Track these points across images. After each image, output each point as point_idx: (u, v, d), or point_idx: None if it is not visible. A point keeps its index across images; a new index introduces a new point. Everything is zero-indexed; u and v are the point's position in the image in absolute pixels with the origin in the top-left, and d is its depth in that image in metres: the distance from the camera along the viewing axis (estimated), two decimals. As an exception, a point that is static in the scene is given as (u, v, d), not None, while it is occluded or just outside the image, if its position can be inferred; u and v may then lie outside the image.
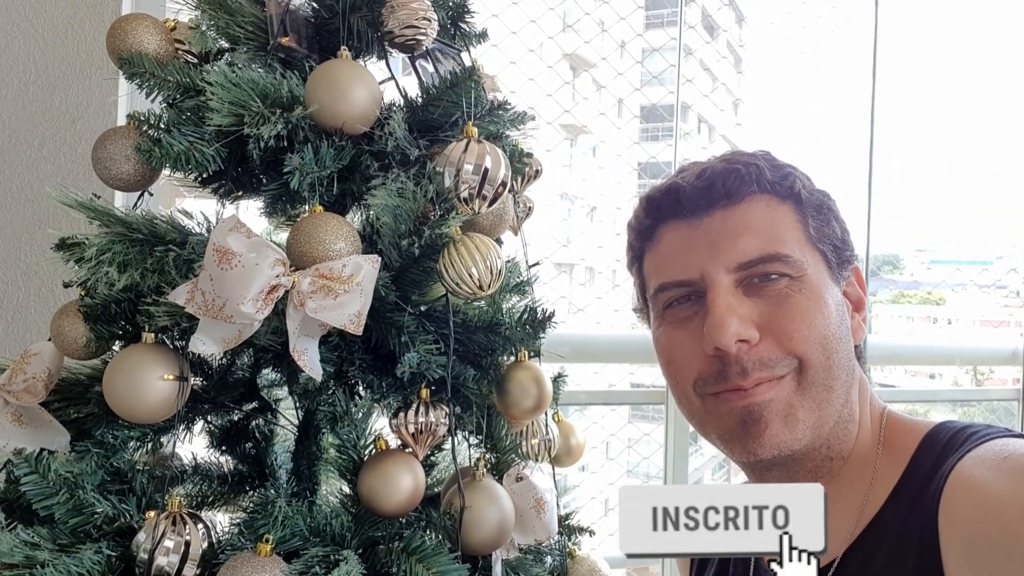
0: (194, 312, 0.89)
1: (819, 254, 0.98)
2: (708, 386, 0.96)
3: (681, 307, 0.99)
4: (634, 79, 2.68)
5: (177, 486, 1.16)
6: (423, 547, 0.96)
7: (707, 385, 0.96)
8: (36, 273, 1.59)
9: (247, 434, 1.27)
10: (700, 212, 0.98)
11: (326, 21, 1.11)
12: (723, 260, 0.95)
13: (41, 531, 0.95)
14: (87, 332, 1.03)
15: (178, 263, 0.96)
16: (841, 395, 0.95)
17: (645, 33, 2.79)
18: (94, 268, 0.98)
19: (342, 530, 0.98)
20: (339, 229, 0.94)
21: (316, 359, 0.96)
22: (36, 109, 1.60)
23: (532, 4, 2.32)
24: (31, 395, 1.04)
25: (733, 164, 0.98)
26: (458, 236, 0.99)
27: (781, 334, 0.93)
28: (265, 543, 0.91)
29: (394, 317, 1.01)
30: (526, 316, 1.12)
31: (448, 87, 1.04)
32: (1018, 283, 3.05)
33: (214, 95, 0.95)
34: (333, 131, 1.01)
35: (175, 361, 0.98)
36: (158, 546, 0.92)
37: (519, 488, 1.11)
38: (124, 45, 1.05)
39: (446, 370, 1.02)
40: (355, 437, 1.02)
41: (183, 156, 0.98)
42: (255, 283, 0.86)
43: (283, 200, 1.09)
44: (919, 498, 0.88)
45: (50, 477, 0.95)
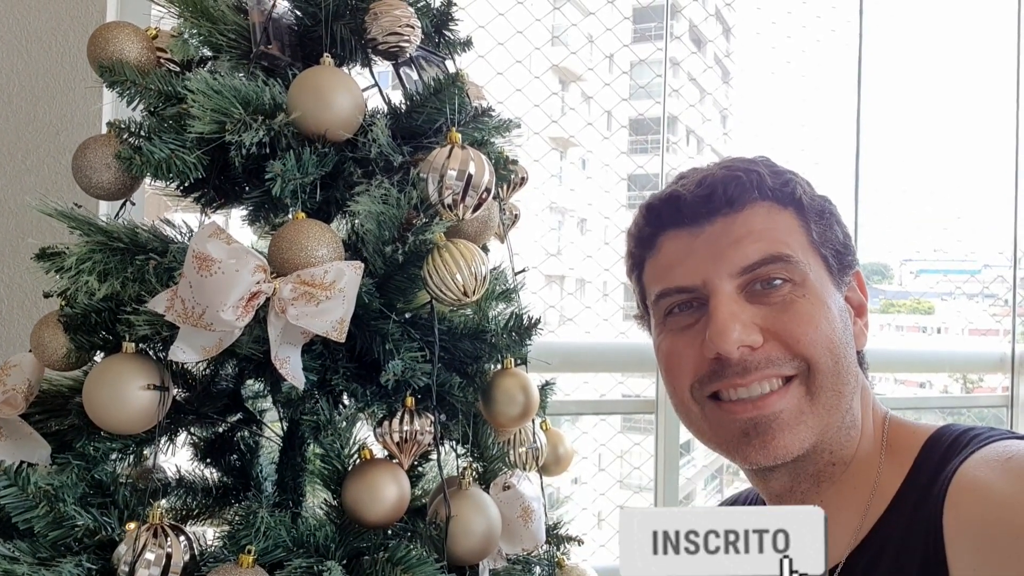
0: (174, 320, 0.88)
1: (821, 259, 0.98)
2: (704, 386, 0.95)
3: (683, 314, 0.99)
4: (622, 91, 2.69)
5: (160, 499, 1.15)
6: (408, 557, 0.95)
7: (703, 385, 0.95)
8: (19, 285, 1.57)
9: (231, 446, 1.26)
10: (701, 220, 0.97)
11: (309, 29, 1.11)
12: (725, 266, 0.94)
13: (20, 545, 0.93)
14: (67, 342, 1.01)
15: (159, 271, 0.95)
16: (847, 400, 0.95)
17: (632, 45, 2.80)
18: (74, 277, 0.97)
19: (326, 541, 0.97)
20: (321, 235, 0.93)
21: (299, 367, 0.95)
22: (19, 121, 1.59)
23: (519, 16, 2.33)
24: (11, 407, 1.03)
25: (734, 171, 0.98)
26: (442, 242, 0.98)
27: (788, 337, 0.92)
28: (247, 554, 0.90)
29: (378, 324, 1.00)
30: (512, 323, 1.12)
31: (432, 93, 1.03)
32: (1005, 291, 3.06)
33: (195, 102, 0.94)
34: (316, 138, 1.00)
35: (156, 371, 0.97)
36: (139, 558, 0.90)
37: (506, 497, 1.10)
38: (105, 53, 1.04)
39: (431, 378, 1.01)
40: (339, 446, 1.00)
41: (164, 164, 0.97)
42: (235, 290, 0.85)
43: (266, 208, 1.09)
44: (923, 501, 0.88)
45: (29, 490, 0.94)
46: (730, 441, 0.95)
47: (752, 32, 2.84)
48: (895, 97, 2.84)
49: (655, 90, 2.62)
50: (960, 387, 3.26)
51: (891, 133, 2.82)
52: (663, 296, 1.00)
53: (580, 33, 2.58)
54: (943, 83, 3.02)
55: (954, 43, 3.01)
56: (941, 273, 3.26)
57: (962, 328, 3.25)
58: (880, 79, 2.73)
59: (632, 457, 2.57)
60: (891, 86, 2.81)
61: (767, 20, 2.77)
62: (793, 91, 2.80)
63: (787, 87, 2.81)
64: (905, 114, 2.93)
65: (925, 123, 3.01)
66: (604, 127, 2.76)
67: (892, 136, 2.83)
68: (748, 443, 0.93)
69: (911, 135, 2.97)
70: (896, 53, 2.83)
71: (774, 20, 2.76)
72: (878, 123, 2.73)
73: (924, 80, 2.99)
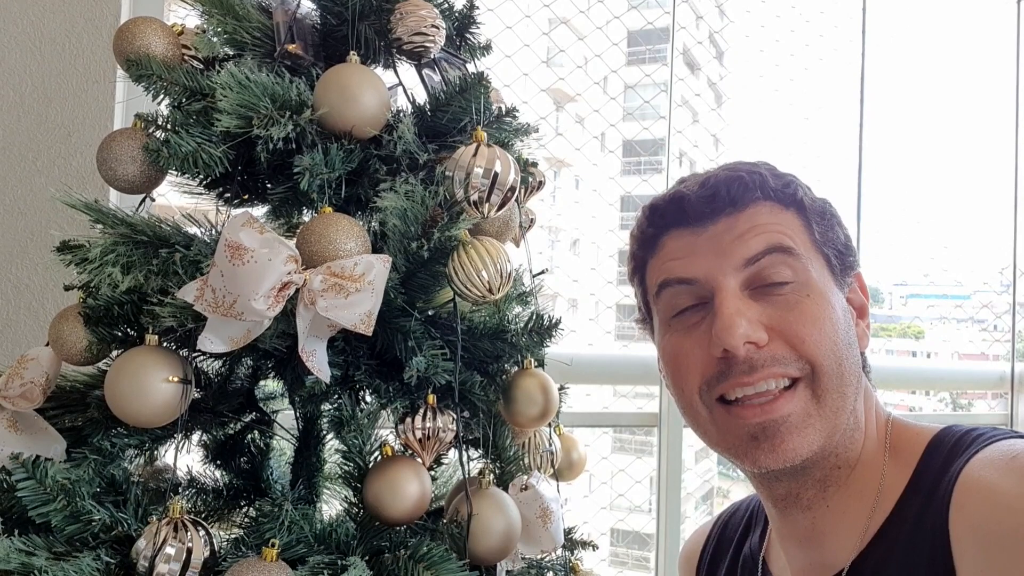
0: (203, 310, 0.88)
1: (823, 258, 0.98)
2: (712, 387, 0.95)
3: (687, 314, 0.99)
4: (616, 113, 2.72)
5: (172, 498, 1.13)
6: (431, 555, 0.94)
7: (711, 386, 0.95)
8: (27, 287, 1.56)
9: (242, 448, 1.25)
10: (705, 219, 0.98)
11: (333, 29, 1.12)
12: (729, 261, 0.94)
13: (36, 539, 0.92)
14: (87, 335, 1.01)
15: (185, 263, 0.94)
16: (851, 402, 0.95)
17: (625, 68, 2.83)
18: (97, 269, 0.96)
19: (347, 538, 0.96)
20: (350, 229, 0.93)
21: (324, 360, 0.95)
22: (31, 122, 1.59)
23: (512, 39, 2.35)
24: (28, 401, 1.02)
25: (736, 172, 0.99)
26: (468, 239, 0.99)
27: (793, 337, 0.92)
28: (271, 547, 0.89)
29: (400, 321, 1.00)
30: (532, 323, 1.12)
31: (457, 92, 1.04)
32: (993, 318, 3.09)
33: (224, 96, 0.95)
34: (342, 134, 1.00)
35: (179, 364, 0.96)
36: (159, 553, 0.89)
37: (525, 497, 1.10)
38: (132, 47, 1.04)
39: (453, 376, 1.01)
40: (361, 443, 1.00)
41: (191, 157, 0.97)
42: (267, 279, 0.84)
43: (289, 204, 1.09)
44: (928, 502, 0.87)
45: (47, 483, 0.93)
46: (738, 445, 0.95)
47: (746, 57, 2.88)
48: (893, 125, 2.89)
49: (648, 113, 2.65)
50: (950, 411, 3.28)
51: (889, 161, 2.86)
52: (665, 286, 1.00)
53: (569, 58, 2.60)
54: (940, 112, 3.07)
55: (955, 72, 3.06)
56: (932, 298, 3.30)
57: (951, 353, 3.28)
58: (879, 107, 2.78)
59: (625, 478, 2.56)
60: (889, 114, 2.85)
61: (761, 45, 2.82)
62: (789, 117, 2.84)
63: (782, 113, 2.84)
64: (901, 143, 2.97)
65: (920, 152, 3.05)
66: (598, 149, 2.78)
67: (891, 164, 2.87)
68: (757, 447, 0.93)
69: (908, 165, 3.01)
70: (896, 82, 2.88)
71: (762, 48, 2.81)
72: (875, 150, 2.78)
73: (922, 108, 3.03)
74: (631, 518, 2.68)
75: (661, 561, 2.33)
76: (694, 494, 3.53)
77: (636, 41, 3.22)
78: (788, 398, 0.92)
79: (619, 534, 2.86)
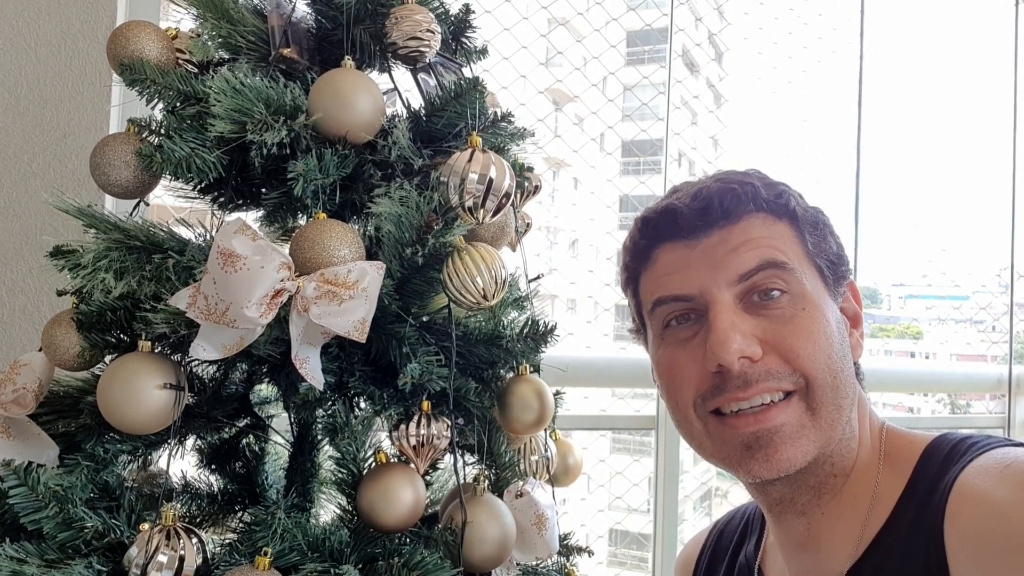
0: (195, 317, 0.87)
1: (816, 269, 0.98)
2: (707, 401, 0.95)
3: (681, 327, 0.98)
4: (615, 114, 2.71)
5: (166, 504, 1.13)
6: (424, 563, 0.94)
7: (706, 400, 0.95)
8: (22, 290, 1.55)
9: (237, 453, 1.25)
10: (698, 232, 0.97)
11: (328, 33, 1.11)
12: (723, 275, 0.94)
13: (27, 546, 0.91)
14: (80, 341, 1.00)
15: (178, 269, 0.94)
16: (847, 413, 0.95)
17: (624, 69, 2.82)
18: (90, 275, 0.96)
19: (340, 545, 0.96)
20: (343, 235, 0.92)
21: (318, 368, 0.94)
22: (27, 123, 1.58)
23: (511, 41, 2.35)
24: (20, 407, 1.01)
25: (728, 184, 0.98)
26: (462, 245, 0.98)
27: (787, 351, 0.92)
28: (264, 556, 0.88)
29: (395, 328, 0.99)
30: (527, 329, 1.11)
31: (452, 97, 1.04)
32: (992, 319, 3.09)
33: (218, 101, 0.94)
34: (336, 140, 1.00)
35: (172, 370, 0.96)
36: (151, 560, 0.89)
37: (520, 504, 1.09)
38: (125, 51, 1.04)
39: (448, 382, 1.00)
40: (355, 450, 1.00)
41: (184, 162, 0.96)
42: (260, 286, 0.84)
43: (284, 209, 1.08)
44: (923, 511, 0.87)
45: (39, 490, 0.92)
46: (733, 455, 0.95)
47: (746, 57, 2.88)
48: (891, 126, 2.88)
49: (647, 114, 2.64)
50: (948, 412, 3.28)
51: (887, 161, 2.86)
52: (659, 304, 0.99)
53: (567, 59, 2.59)
54: (938, 113, 3.07)
55: (954, 75, 3.06)
56: (932, 299, 3.29)
57: (950, 354, 3.28)
58: (878, 107, 2.77)
59: (622, 479, 2.56)
60: (888, 114, 2.85)
61: (761, 46, 2.81)
62: (788, 118, 2.84)
63: (782, 113, 2.84)
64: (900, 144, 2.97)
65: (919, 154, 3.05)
66: (597, 150, 2.77)
67: (888, 164, 2.86)
68: (751, 456, 0.93)
69: (906, 164, 3.01)
70: (895, 83, 2.87)
71: (761, 50, 2.81)
72: (874, 151, 2.77)
73: (920, 109, 3.03)
74: (629, 519, 2.68)
75: (658, 561, 2.33)
76: (692, 495, 3.53)
77: (635, 42, 3.21)
78: (782, 408, 0.92)
79: (617, 535, 2.86)
